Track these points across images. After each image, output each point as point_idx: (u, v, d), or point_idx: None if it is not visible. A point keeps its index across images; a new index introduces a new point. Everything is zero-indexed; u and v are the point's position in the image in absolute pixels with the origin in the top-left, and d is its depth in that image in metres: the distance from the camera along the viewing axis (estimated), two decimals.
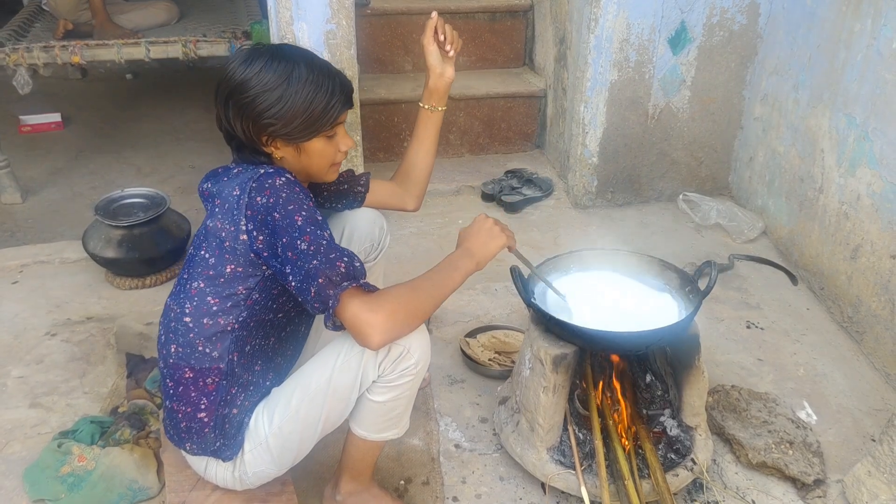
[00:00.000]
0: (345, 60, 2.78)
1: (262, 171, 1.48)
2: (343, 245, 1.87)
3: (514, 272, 1.87)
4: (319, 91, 1.50)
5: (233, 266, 1.50)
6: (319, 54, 2.67)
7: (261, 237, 1.45)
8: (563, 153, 3.48)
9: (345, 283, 1.41)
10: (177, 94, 4.67)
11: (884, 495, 1.79)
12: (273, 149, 1.55)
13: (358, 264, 1.45)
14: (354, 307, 1.42)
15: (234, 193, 1.48)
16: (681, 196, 3.32)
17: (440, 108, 1.89)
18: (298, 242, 1.41)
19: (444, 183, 3.49)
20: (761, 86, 3.12)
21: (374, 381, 1.56)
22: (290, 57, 1.51)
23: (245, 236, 1.46)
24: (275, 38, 2.73)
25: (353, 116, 2.91)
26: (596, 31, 2.99)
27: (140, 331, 2.47)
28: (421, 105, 1.89)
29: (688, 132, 3.28)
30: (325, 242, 1.43)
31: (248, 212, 1.45)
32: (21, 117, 4.12)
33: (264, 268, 1.50)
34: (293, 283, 1.43)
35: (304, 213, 1.43)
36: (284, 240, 1.42)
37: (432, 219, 3.23)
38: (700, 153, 3.35)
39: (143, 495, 1.86)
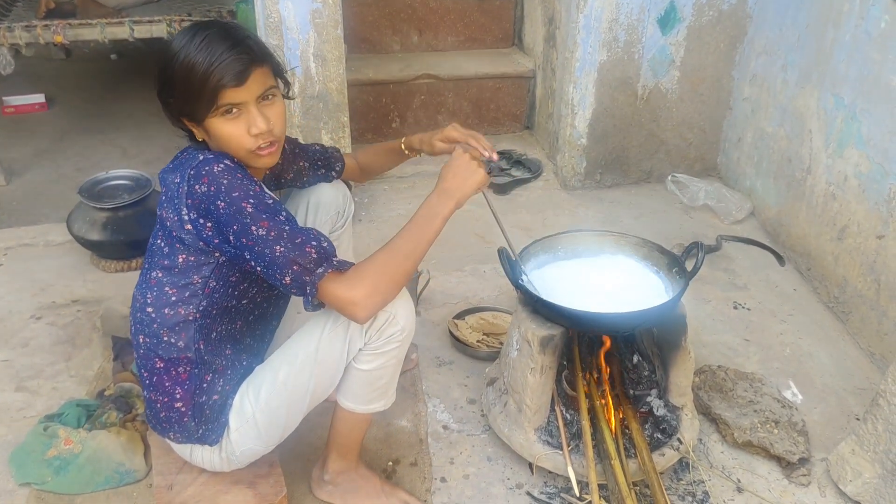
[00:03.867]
0: (332, 40, 2.75)
1: (202, 157, 1.43)
2: (310, 216, 1.87)
3: (502, 254, 1.86)
4: (201, 58, 1.37)
5: (184, 256, 1.47)
6: (305, 34, 2.70)
7: (209, 224, 1.41)
8: (552, 134, 3.47)
9: (319, 270, 1.39)
10: None
11: (867, 473, 1.81)
12: (193, 129, 1.49)
13: (326, 244, 1.42)
14: (334, 290, 1.40)
15: (175, 181, 1.44)
16: (669, 177, 3.32)
17: (413, 156, 1.89)
18: (253, 228, 1.37)
19: (432, 164, 3.44)
20: (750, 66, 3.11)
21: (360, 350, 1.55)
22: (204, 26, 1.41)
23: (190, 226, 1.43)
24: (260, 18, 2.70)
25: (339, 97, 2.88)
26: (585, 10, 2.97)
27: (126, 313, 2.41)
28: (402, 146, 1.86)
29: (677, 113, 3.28)
30: (287, 228, 1.39)
31: (189, 200, 1.41)
32: (4, 98, 4.07)
33: (217, 255, 1.47)
34: (259, 269, 1.41)
35: (251, 200, 1.39)
36: (235, 227, 1.38)
37: (420, 201, 3.19)
38: (689, 134, 3.34)
39: (130, 478, 1.86)
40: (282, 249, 1.37)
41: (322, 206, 1.89)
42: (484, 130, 3.80)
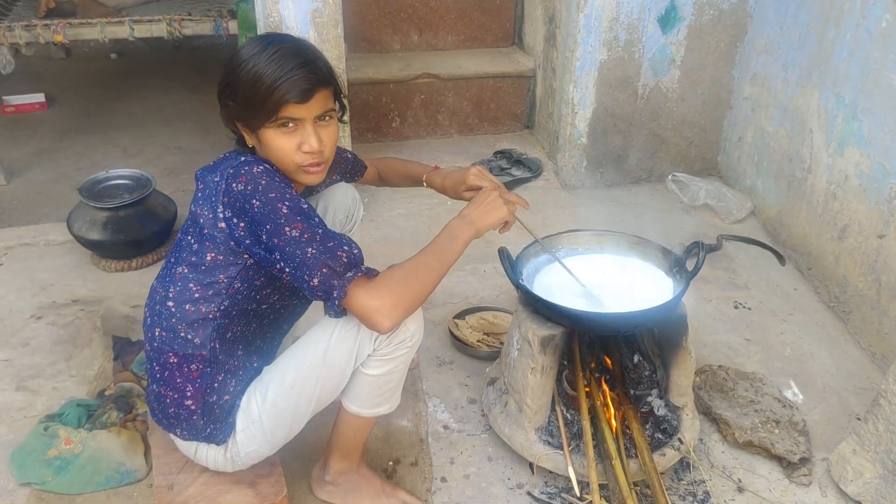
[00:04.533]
0: (332, 40, 2.75)
1: (243, 158, 1.47)
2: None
3: (502, 253, 1.87)
4: (270, 70, 1.41)
5: (213, 254, 1.49)
6: (305, 34, 2.70)
7: (242, 224, 1.43)
8: (552, 133, 3.47)
9: (349, 274, 1.40)
10: (163, 74, 4.62)
11: (868, 473, 1.81)
12: (246, 134, 1.52)
13: (356, 251, 1.44)
14: (362, 297, 1.41)
15: (215, 179, 1.47)
16: (670, 176, 3.31)
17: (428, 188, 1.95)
18: (287, 229, 1.39)
19: (433, 164, 3.46)
20: (751, 65, 3.11)
21: (369, 355, 1.56)
22: (277, 39, 1.47)
23: (223, 224, 1.45)
24: (260, 17, 2.70)
25: None
26: (585, 9, 2.97)
27: (126, 313, 2.46)
28: (424, 179, 1.94)
29: (677, 112, 3.27)
30: (320, 231, 1.41)
31: (225, 199, 1.44)
32: (4, 97, 4.07)
33: (245, 256, 1.48)
34: (287, 270, 1.42)
35: (287, 203, 1.41)
36: (268, 227, 1.40)
37: (421, 200, 3.21)
38: (689, 133, 3.34)
39: (130, 478, 1.86)
40: (313, 251, 1.39)
41: (331, 209, 1.91)
42: (484, 130, 3.81)
